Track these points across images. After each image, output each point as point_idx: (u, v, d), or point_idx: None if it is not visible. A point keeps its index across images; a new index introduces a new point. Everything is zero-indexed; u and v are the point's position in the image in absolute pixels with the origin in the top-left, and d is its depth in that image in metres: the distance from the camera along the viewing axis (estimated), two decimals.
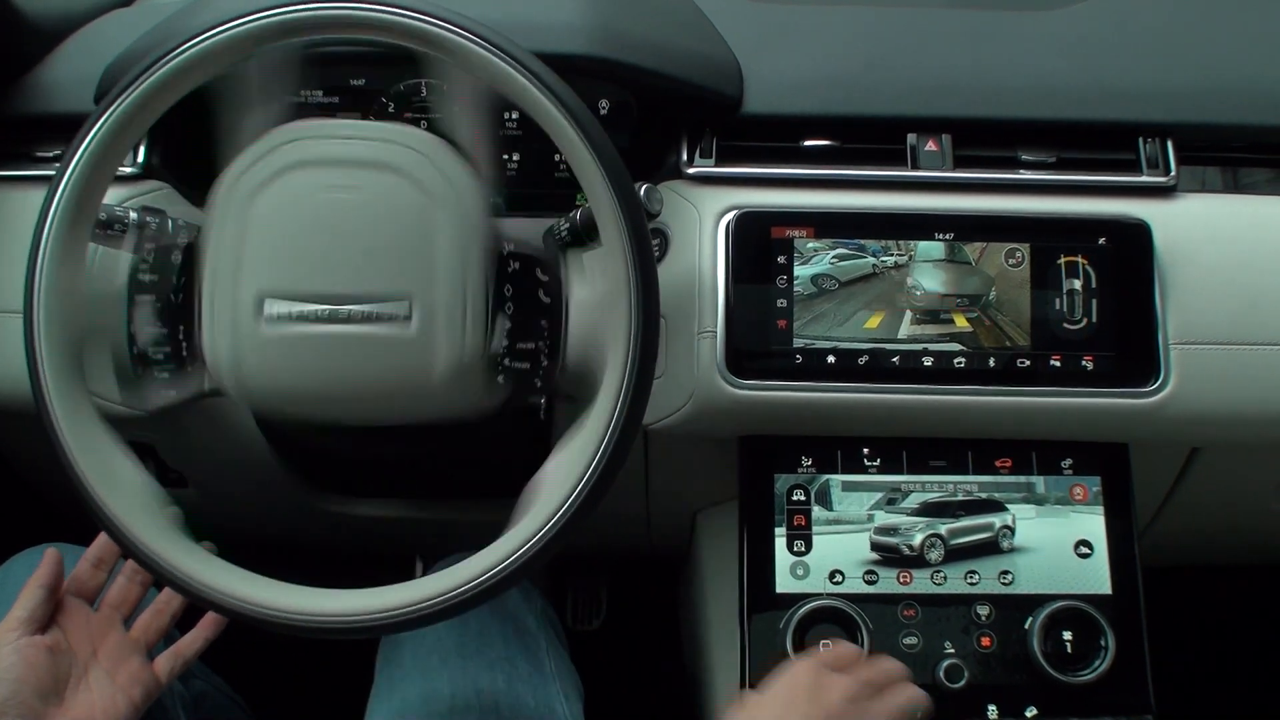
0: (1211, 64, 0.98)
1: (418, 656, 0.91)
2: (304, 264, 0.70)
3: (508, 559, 0.69)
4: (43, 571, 0.82)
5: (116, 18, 1.07)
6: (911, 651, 0.87)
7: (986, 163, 0.93)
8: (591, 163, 0.68)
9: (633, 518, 1.19)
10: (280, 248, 0.71)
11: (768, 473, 0.91)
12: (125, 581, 0.90)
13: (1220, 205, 0.92)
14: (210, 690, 1.04)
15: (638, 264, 0.69)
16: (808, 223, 0.88)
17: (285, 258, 0.71)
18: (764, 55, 0.96)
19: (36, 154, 0.96)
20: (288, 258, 0.71)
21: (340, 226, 0.71)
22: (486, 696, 0.87)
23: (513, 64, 0.68)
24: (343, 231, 0.71)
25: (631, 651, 1.57)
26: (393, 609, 0.70)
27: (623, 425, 0.69)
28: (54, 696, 0.78)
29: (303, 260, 0.71)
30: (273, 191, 0.71)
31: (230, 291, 0.70)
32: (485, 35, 0.68)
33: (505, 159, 0.97)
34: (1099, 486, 0.91)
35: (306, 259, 0.71)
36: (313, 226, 0.71)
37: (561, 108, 0.68)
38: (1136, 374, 0.87)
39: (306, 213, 0.71)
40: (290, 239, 0.71)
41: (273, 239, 0.71)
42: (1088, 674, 0.85)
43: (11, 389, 0.90)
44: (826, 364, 0.87)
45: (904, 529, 0.89)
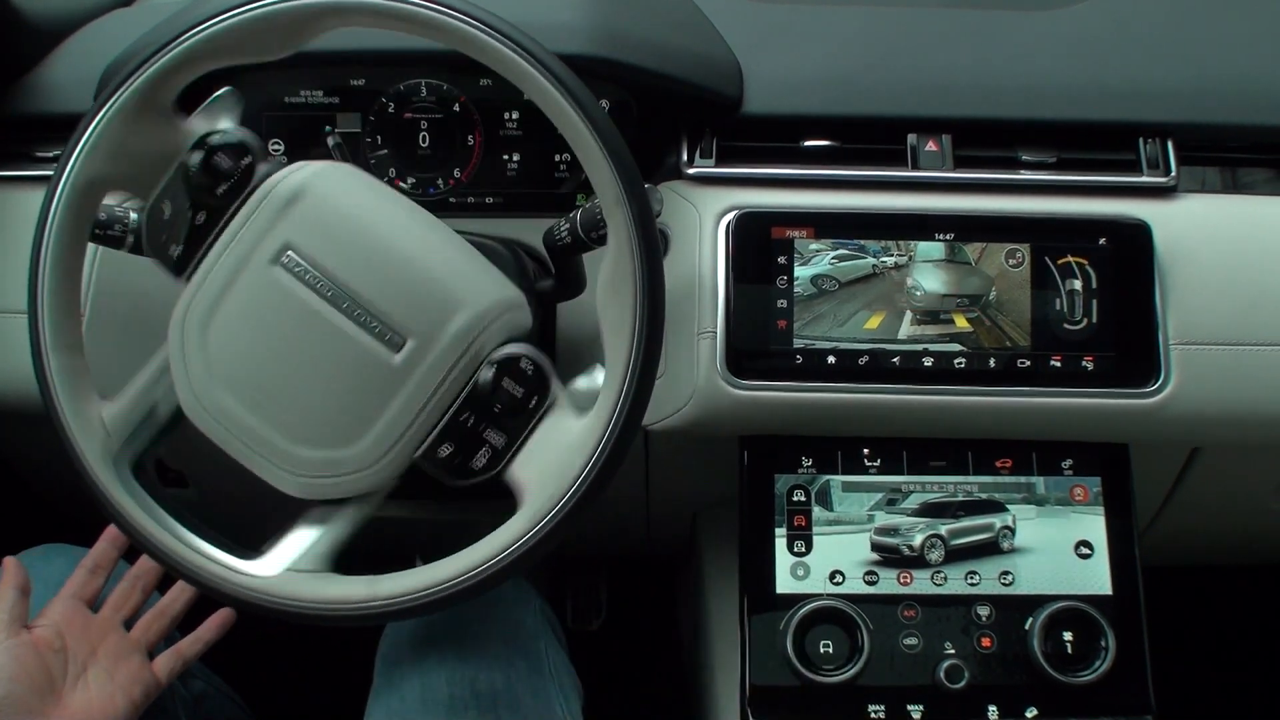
0: (1211, 64, 0.98)
1: (416, 656, 0.91)
2: (349, 250, 0.70)
3: (500, 554, 0.69)
4: (9, 575, 0.83)
5: (117, 18, 1.07)
6: (912, 652, 0.87)
7: (987, 163, 0.93)
8: (603, 160, 0.68)
9: (633, 518, 1.19)
10: (330, 225, 0.71)
11: (768, 473, 0.91)
12: (127, 586, 0.90)
13: (1220, 205, 0.92)
14: (210, 690, 1.04)
15: (645, 262, 0.69)
16: (808, 223, 0.88)
17: (333, 232, 0.71)
18: (764, 55, 0.96)
19: (37, 154, 0.97)
20: (336, 233, 0.71)
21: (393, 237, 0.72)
22: (485, 695, 0.87)
23: (528, 58, 0.68)
24: (394, 243, 0.71)
25: (631, 651, 1.57)
26: (386, 598, 0.71)
27: (623, 424, 0.69)
28: (51, 695, 0.78)
29: (351, 248, 0.70)
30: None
31: (260, 229, 0.70)
32: (498, 26, 0.68)
33: (505, 159, 0.97)
34: (1099, 487, 0.91)
35: (355, 249, 0.71)
36: (366, 224, 0.71)
37: (576, 106, 0.68)
38: (1137, 374, 0.87)
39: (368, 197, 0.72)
40: (344, 220, 0.71)
41: (324, 213, 0.71)
42: (1088, 674, 0.85)
43: (12, 390, 0.90)
44: (827, 364, 0.87)
45: (904, 529, 0.89)
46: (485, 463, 0.71)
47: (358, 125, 0.96)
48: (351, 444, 0.70)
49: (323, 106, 0.96)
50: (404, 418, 0.70)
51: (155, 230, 0.73)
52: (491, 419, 0.71)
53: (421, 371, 0.70)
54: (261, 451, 0.71)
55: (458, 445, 0.71)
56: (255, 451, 0.71)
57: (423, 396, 0.70)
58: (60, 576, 0.89)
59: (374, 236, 0.71)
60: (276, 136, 0.97)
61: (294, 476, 0.71)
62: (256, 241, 0.70)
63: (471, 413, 0.71)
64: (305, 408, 0.71)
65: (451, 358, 0.70)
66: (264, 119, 0.97)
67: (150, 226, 0.73)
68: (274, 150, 0.98)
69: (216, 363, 0.71)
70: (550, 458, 0.71)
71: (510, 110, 0.96)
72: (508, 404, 0.70)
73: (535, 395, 0.71)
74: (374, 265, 0.70)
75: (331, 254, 0.70)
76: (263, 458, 0.71)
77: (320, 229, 0.71)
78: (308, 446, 0.71)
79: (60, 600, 0.86)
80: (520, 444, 0.71)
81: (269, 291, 0.70)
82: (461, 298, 0.70)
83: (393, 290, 0.70)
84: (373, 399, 0.70)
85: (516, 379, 0.70)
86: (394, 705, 0.88)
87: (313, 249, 0.70)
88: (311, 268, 0.70)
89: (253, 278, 0.70)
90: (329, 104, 0.96)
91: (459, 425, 0.71)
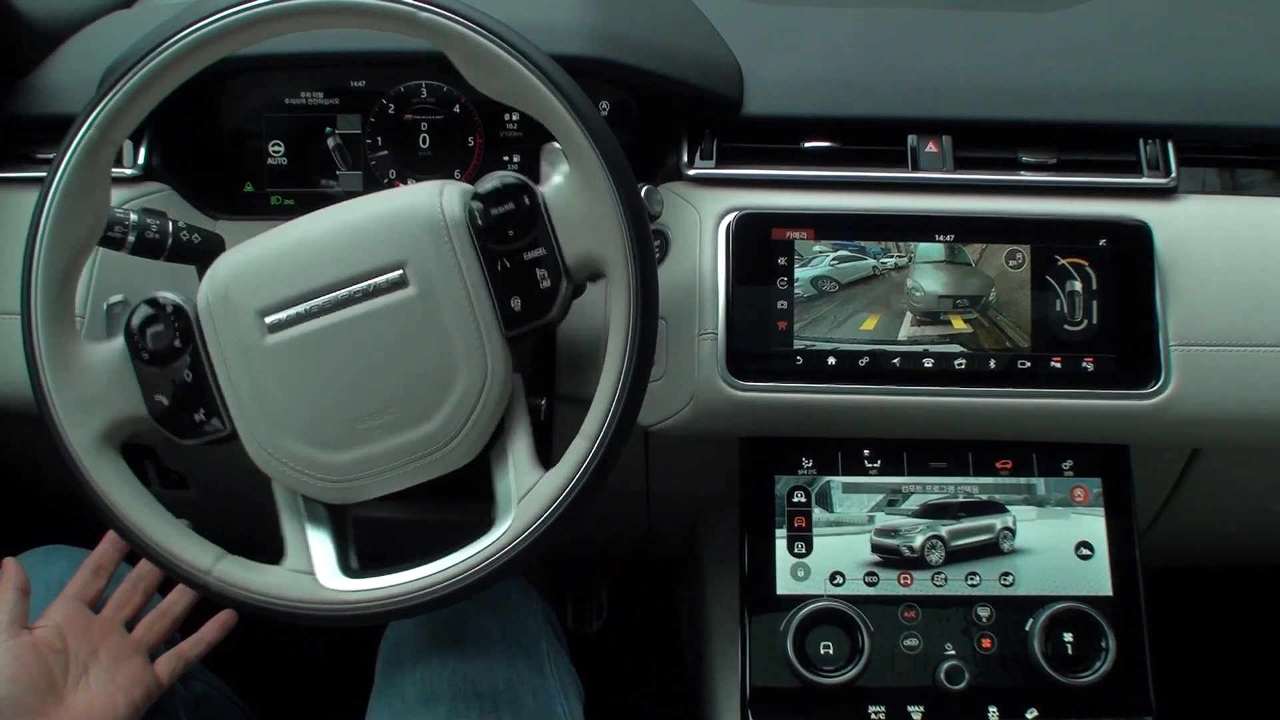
0: (1211, 65, 0.98)
1: (418, 656, 0.91)
2: (289, 270, 0.71)
3: (490, 558, 0.70)
4: (9, 576, 0.83)
5: (116, 19, 1.07)
6: (912, 653, 0.87)
7: (987, 164, 0.93)
8: (596, 161, 0.68)
9: (633, 519, 1.19)
10: (264, 266, 0.71)
11: (768, 474, 0.91)
12: (129, 587, 0.90)
13: (1221, 206, 0.92)
14: (211, 691, 1.04)
15: (639, 268, 0.69)
16: (808, 224, 0.88)
17: (270, 270, 0.71)
18: (764, 57, 0.96)
19: (37, 155, 0.97)
20: (274, 268, 0.71)
21: (312, 225, 0.72)
22: (486, 696, 0.87)
23: (520, 59, 0.68)
24: (318, 229, 0.72)
25: (631, 652, 1.57)
26: (383, 598, 0.71)
27: (616, 427, 0.69)
28: (52, 695, 0.79)
29: (286, 267, 0.71)
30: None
31: (230, 324, 0.71)
32: (493, 28, 0.68)
33: (506, 160, 0.97)
34: (1099, 488, 0.91)
35: (290, 265, 0.71)
36: (280, 235, 0.72)
37: (571, 110, 0.68)
38: (1137, 375, 0.87)
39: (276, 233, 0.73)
40: (267, 257, 0.72)
41: (254, 265, 0.72)
42: (1088, 675, 0.85)
43: (11, 391, 0.90)
44: (827, 365, 0.87)
45: (904, 530, 0.89)
46: (548, 284, 0.71)
47: (358, 126, 0.96)
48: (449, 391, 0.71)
49: (323, 108, 0.96)
50: (464, 314, 0.70)
51: (175, 415, 0.74)
52: (520, 247, 0.71)
53: (440, 278, 0.70)
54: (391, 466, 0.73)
55: (520, 288, 0.71)
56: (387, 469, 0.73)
57: (460, 290, 0.70)
58: (60, 578, 0.89)
59: (297, 240, 0.72)
60: (277, 138, 0.97)
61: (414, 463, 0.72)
62: (238, 342, 0.71)
63: (504, 257, 0.71)
64: (388, 399, 0.71)
65: (447, 245, 0.70)
66: (264, 120, 0.97)
67: (168, 421, 0.73)
68: (274, 151, 0.98)
69: (285, 425, 0.72)
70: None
71: (510, 111, 0.96)
72: (519, 220, 0.70)
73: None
74: (321, 255, 0.71)
75: (287, 283, 0.71)
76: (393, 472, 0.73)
77: (262, 280, 0.71)
78: (401, 432, 0.71)
79: (62, 601, 0.86)
80: (558, 246, 0.71)
81: (289, 352, 0.71)
82: (406, 203, 0.71)
83: (352, 252, 0.70)
84: (429, 336, 0.70)
85: (500, 201, 0.71)
86: (395, 705, 0.88)
87: (273, 295, 0.71)
88: (290, 307, 0.70)
89: (266, 358, 0.71)
90: (329, 105, 0.96)
91: (507, 274, 0.71)
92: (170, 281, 0.87)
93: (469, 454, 0.72)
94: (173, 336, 0.72)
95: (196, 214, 0.96)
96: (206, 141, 0.97)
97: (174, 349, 0.72)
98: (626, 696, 1.50)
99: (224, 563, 0.73)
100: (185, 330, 0.72)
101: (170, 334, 0.72)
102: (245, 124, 0.97)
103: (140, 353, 0.72)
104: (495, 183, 0.70)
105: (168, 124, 0.94)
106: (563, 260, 0.71)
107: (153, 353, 0.72)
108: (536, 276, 0.71)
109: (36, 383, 0.72)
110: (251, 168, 0.98)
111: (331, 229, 0.72)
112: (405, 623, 0.92)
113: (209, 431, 0.73)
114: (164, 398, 0.72)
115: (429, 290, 0.70)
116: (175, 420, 0.73)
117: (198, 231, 0.80)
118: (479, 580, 0.70)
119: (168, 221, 0.79)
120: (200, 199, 0.96)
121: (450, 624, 0.92)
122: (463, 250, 0.70)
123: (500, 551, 0.70)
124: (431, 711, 0.86)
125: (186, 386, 0.72)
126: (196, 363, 0.72)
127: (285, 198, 0.98)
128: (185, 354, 0.72)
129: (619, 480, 0.73)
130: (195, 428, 0.73)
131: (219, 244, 0.82)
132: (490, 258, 0.71)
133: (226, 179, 0.98)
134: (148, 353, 0.72)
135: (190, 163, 0.96)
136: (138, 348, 0.72)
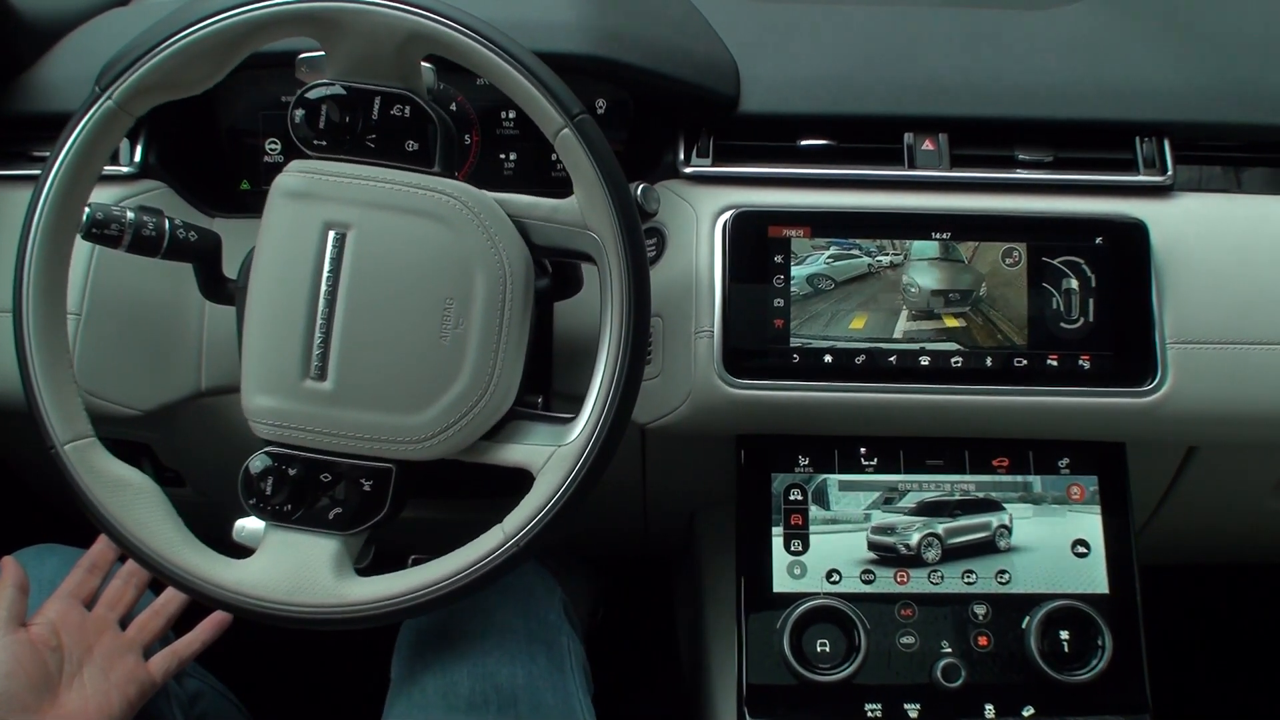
0: (1208, 63, 0.98)
1: (437, 650, 0.90)
2: (277, 337, 0.72)
3: (488, 557, 0.70)
4: (8, 573, 0.84)
5: (113, 17, 1.07)
6: (908, 651, 0.87)
7: (983, 162, 0.93)
8: (586, 161, 0.69)
9: (630, 517, 1.19)
10: (265, 357, 0.72)
11: (765, 472, 0.91)
12: (121, 584, 0.90)
13: (1217, 205, 0.93)
14: (204, 689, 1.04)
15: (630, 267, 0.69)
16: (804, 222, 0.88)
17: (271, 352, 0.72)
18: (761, 54, 0.96)
19: (33, 153, 0.96)
20: (272, 348, 0.72)
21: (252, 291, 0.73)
22: (506, 691, 0.87)
23: (507, 58, 0.68)
24: (255, 289, 0.73)
25: (628, 650, 1.57)
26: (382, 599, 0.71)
27: (612, 421, 0.70)
28: (47, 692, 0.79)
29: (276, 335, 0.72)
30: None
31: (298, 415, 0.72)
32: (479, 28, 0.68)
33: (502, 158, 0.97)
34: (1096, 486, 0.91)
35: (278, 331, 0.72)
36: (247, 329, 0.73)
37: (557, 106, 0.68)
38: (1133, 373, 0.87)
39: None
40: (257, 349, 0.72)
41: (261, 365, 0.72)
42: (1085, 673, 0.85)
43: (6, 389, 0.90)
44: (823, 363, 0.87)
45: (901, 528, 0.89)
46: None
47: None
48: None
49: None
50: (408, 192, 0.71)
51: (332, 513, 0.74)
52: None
53: (344, 198, 0.72)
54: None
55: (413, 138, 0.72)
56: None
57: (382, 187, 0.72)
58: (53, 576, 0.89)
59: (258, 307, 0.73)
60: (273, 135, 0.97)
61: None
62: (313, 413, 0.72)
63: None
64: (440, 297, 0.71)
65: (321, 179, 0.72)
66: (261, 118, 0.97)
67: (342, 523, 0.74)
68: (271, 149, 0.97)
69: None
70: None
71: (506, 109, 0.96)
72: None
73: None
74: (273, 297, 0.72)
75: (290, 342, 0.72)
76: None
77: (273, 365, 0.72)
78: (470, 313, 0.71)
79: (57, 599, 0.86)
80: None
81: (347, 368, 0.71)
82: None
83: (270, 267, 0.72)
84: (403, 233, 0.71)
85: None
86: (415, 699, 0.87)
87: (294, 358, 0.72)
88: (313, 350, 0.71)
89: (338, 396, 0.71)
90: None
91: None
92: (169, 280, 0.87)
93: (524, 259, 0.72)
94: (285, 474, 0.72)
95: (193, 212, 0.95)
96: (203, 139, 0.97)
97: (295, 477, 0.72)
98: (623, 695, 1.50)
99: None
100: (284, 459, 0.73)
101: (282, 476, 0.72)
102: (242, 122, 0.97)
103: (282, 511, 0.73)
104: (300, 116, 0.72)
105: (164, 122, 0.94)
106: (391, 87, 0.72)
107: (289, 499, 0.72)
108: (396, 117, 0.72)
109: (27, 381, 0.72)
110: (248, 165, 0.98)
111: (262, 275, 0.73)
112: (425, 616, 0.92)
113: (386, 487, 0.73)
114: (336, 510, 0.73)
115: (359, 215, 0.71)
116: (362, 511, 0.73)
117: (194, 229, 0.80)
118: (477, 580, 0.70)
119: (164, 219, 0.79)
120: (197, 197, 0.96)
121: (470, 618, 0.92)
122: (338, 171, 0.72)
123: (498, 551, 0.70)
124: (451, 706, 0.86)
125: (333, 484, 0.73)
126: (318, 464, 0.73)
127: None
128: (288, 476, 0.73)
129: (616, 477, 0.73)
130: (355, 509, 0.73)
131: (215, 241, 0.82)
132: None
133: (223, 177, 0.98)
134: (286, 505, 0.73)
135: (187, 160, 0.96)
136: (276, 510, 0.73)
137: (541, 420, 0.74)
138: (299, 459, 0.72)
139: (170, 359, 0.91)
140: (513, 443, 0.73)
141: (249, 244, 0.88)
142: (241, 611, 0.72)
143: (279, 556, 0.73)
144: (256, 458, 0.73)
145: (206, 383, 0.92)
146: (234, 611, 0.73)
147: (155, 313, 0.90)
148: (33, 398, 0.72)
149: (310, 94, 0.72)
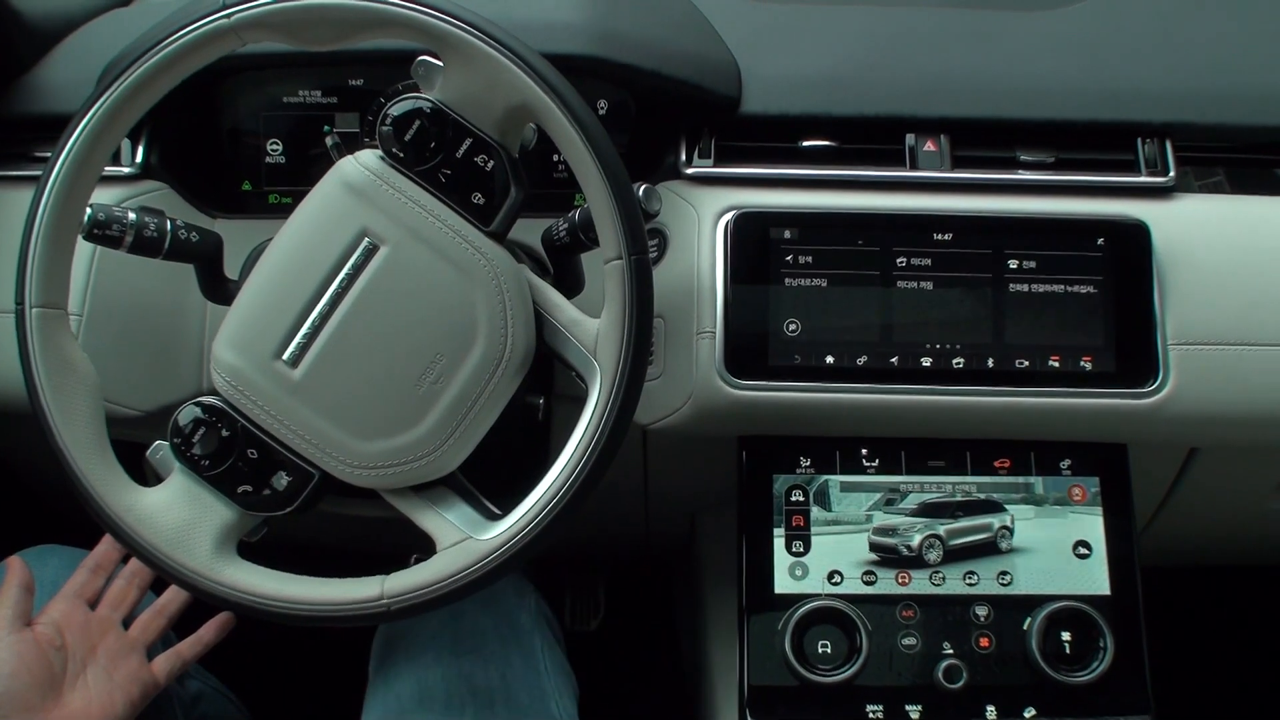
0: (1210, 64, 0.98)
1: (411, 653, 0.91)
2: (272, 306, 0.72)
3: (487, 557, 0.70)
4: (13, 573, 0.84)
5: (114, 18, 1.07)
6: (910, 652, 0.87)
7: (985, 163, 0.93)
8: (591, 163, 0.69)
9: (631, 518, 1.19)
10: (250, 319, 0.72)
11: (766, 473, 0.91)
12: (124, 584, 0.90)
13: (1219, 206, 0.92)
14: (207, 689, 1.04)
15: (633, 267, 0.69)
16: (806, 223, 0.88)
17: (258, 318, 0.72)
18: (762, 55, 0.96)
19: (34, 154, 0.96)
20: (260, 316, 0.72)
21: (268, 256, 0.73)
22: (481, 692, 0.87)
23: (516, 60, 0.68)
24: (273, 255, 0.73)
25: (630, 652, 1.57)
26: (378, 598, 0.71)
27: (610, 429, 0.69)
28: (51, 692, 0.79)
29: (269, 305, 0.72)
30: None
31: (258, 386, 0.71)
32: (489, 30, 0.68)
33: None
34: (1098, 487, 0.91)
35: (271, 301, 0.72)
36: (248, 285, 0.73)
37: (564, 107, 0.68)
38: (1135, 375, 0.87)
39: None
40: (248, 308, 0.72)
41: (242, 325, 0.72)
42: (1086, 674, 0.85)
43: (8, 390, 0.90)
44: (825, 364, 0.87)
45: (902, 529, 0.89)
46: (492, 163, 0.71)
47: (356, 125, 0.96)
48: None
49: (321, 107, 0.96)
50: (442, 236, 0.71)
51: (265, 496, 0.74)
52: (447, 152, 0.71)
53: (400, 220, 0.71)
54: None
55: (472, 183, 0.71)
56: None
57: (423, 219, 0.71)
58: (55, 577, 0.89)
59: (264, 276, 0.73)
60: (274, 136, 0.97)
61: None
62: (273, 395, 0.71)
63: (440, 169, 0.71)
64: (431, 348, 0.71)
65: (386, 191, 0.71)
66: (262, 119, 0.97)
67: (265, 504, 0.74)
68: (272, 150, 0.98)
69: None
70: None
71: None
72: (431, 131, 0.71)
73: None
74: (290, 273, 0.72)
75: (278, 317, 0.72)
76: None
77: (256, 331, 0.72)
78: (459, 368, 0.71)
79: (61, 599, 0.86)
80: (475, 128, 0.71)
81: (322, 368, 0.71)
82: (331, 184, 0.73)
83: (313, 251, 0.72)
84: (427, 273, 0.71)
85: (404, 128, 0.71)
86: (390, 703, 0.88)
87: (275, 336, 0.71)
88: (296, 333, 0.71)
89: (307, 389, 0.71)
90: (327, 104, 0.96)
91: (453, 180, 0.71)
92: (170, 281, 0.87)
93: (527, 348, 0.72)
94: (217, 431, 0.72)
95: (195, 212, 0.96)
96: (204, 140, 0.97)
97: (225, 439, 0.72)
98: (624, 696, 1.50)
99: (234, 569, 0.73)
100: (224, 416, 0.72)
101: (214, 431, 0.72)
102: (243, 122, 0.97)
103: (199, 463, 0.72)
104: (391, 119, 0.71)
105: (166, 122, 0.94)
106: (489, 136, 0.71)
107: (210, 456, 0.72)
108: (478, 165, 0.71)
109: (30, 380, 0.72)
110: (249, 166, 0.98)
111: (285, 245, 0.72)
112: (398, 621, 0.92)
113: (302, 488, 0.73)
114: (247, 486, 0.73)
115: (399, 237, 0.71)
116: (271, 500, 0.73)
117: (196, 230, 0.80)
118: (476, 580, 0.70)
119: (166, 220, 0.79)
120: (198, 197, 0.96)
121: (445, 621, 0.92)
122: (401, 188, 0.71)
123: (498, 550, 0.70)
124: (427, 707, 0.86)
125: (257, 464, 0.72)
126: (252, 438, 0.72)
127: (283, 196, 0.98)
128: (238, 437, 0.72)
129: (617, 479, 0.73)
130: (291, 494, 0.73)
131: (217, 242, 0.82)
132: (429, 178, 0.71)
133: (225, 177, 0.98)
134: (205, 459, 0.72)
135: (188, 161, 0.96)
136: (195, 462, 0.72)
137: (469, 502, 0.74)
138: (238, 425, 0.72)
139: (171, 360, 0.91)
140: (433, 509, 0.73)
141: (250, 245, 0.89)
142: (121, 540, 0.72)
143: (175, 502, 0.72)
144: (201, 403, 0.72)
145: (208, 384, 0.92)
146: (114, 536, 0.73)
147: (156, 314, 0.90)
148: (25, 259, 0.72)
149: (412, 102, 0.71)
